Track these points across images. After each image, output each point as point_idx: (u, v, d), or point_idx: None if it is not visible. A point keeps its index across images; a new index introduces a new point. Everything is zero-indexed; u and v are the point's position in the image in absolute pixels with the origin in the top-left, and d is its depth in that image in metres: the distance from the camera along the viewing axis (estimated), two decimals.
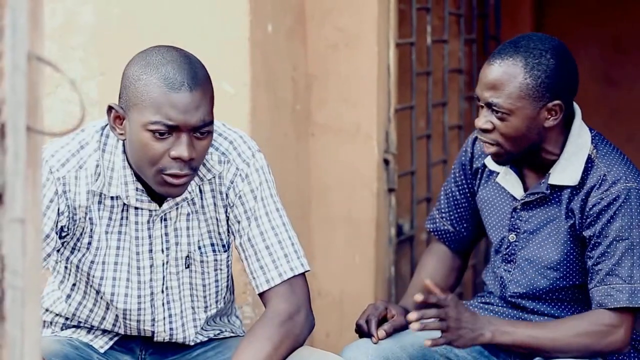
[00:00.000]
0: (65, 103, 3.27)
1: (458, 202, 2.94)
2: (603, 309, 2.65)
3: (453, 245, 2.99)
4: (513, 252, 2.79)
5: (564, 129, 2.71)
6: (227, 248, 2.57)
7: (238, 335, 2.69)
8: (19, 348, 1.33)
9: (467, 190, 2.92)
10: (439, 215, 2.98)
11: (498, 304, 2.84)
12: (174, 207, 2.49)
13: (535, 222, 2.75)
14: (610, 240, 2.64)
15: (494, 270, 2.85)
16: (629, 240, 2.64)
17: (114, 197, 2.47)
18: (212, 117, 2.37)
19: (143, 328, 2.58)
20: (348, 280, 3.66)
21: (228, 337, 2.68)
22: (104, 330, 2.62)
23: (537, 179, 2.76)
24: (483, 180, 2.86)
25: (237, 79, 3.17)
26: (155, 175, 2.36)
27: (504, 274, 2.81)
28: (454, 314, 2.61)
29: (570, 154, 2.69)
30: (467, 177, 2.90)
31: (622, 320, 2.65)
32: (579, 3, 6.46)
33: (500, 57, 2.63)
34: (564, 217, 2.71)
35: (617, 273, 2.64)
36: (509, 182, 2.78)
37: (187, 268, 2.55)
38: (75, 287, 2.58)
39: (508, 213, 2.80)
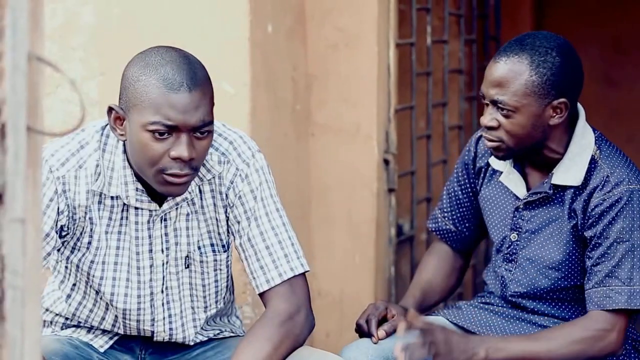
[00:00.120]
0: (66, 103, 3.27)
1: (460, 201, 2.94)
2: (598, 311, 2.64)
3: (455, 245, 2.99)
4: (514, 251, 2.79)
5: (568, 129, 2.71)
6: (226, 248, 2.57)
7: (238, 335, 2.69)
8: (19, 348, 1.33)
9: (469, 190, 2.92)
10: (441, 215, 2.98)
11: (498, 304, 2.84)
12: (174, 207, 2.49)
13: (538, 221, 2.75)
14: (611, 242, 2.64)
15: (495, 270, 2.85)
16: (630, 242, 2.64)
17: (114, 197, 2.47)
18: (212, 117, 2.37)
19: (143, 328, 2.58)
20: (348, 280, 3.66)
21: (228, 337, 2.68)
22: (104, 330, 2.62)
23: (540, 179, 2.76)
24: (486, 180, 2.86)
25: (237, 79, 3.17)
26: (156, 175, 2.36)
27: (505, 274, 2.81)
28: (442, 338, 2.59)
29: (574, 154, 2.69)
30: (469, 176, 2.90)
31: (616, 322, 2.64)
32: (579, 4, 6.46)
33: (506, 54, 2.63)
34: (567, 217, 2.71)
35: (616, 275, 2.64)
36: (512, 181, 2.78)
37: (186, 268, 2.55)
38: (76, 287, 2.58)
39: (510, 212, 2.79)
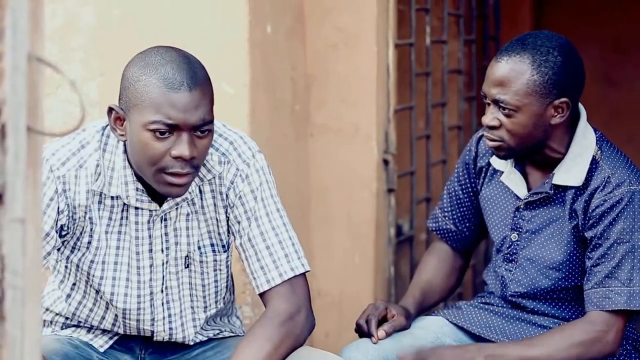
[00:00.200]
0: (66, 104, 3.28)
1: (461, 201, 2.94)
2: (597, 311, 2.64)
3: (455, 245, 2.99)
4: (515, 251, 2.79)
5: (569, 129, 2.71)
6: (226, 248, 2.57)
7: (237, 335, 2.69)
8: (19, 348, 1.33)
9: (470, 190, 2.91)
10: (442, 214, 2.98)
11: (498, 304, 2.84)
12: (174, 207, 2.50)
13: (538, 221, 2.75)
14: (611, 242, 2.64)
15: (495, 270, 2.85)
16: (630, 243, 2.64)
17: (114, 197, 2.48)
18: (212, 116, 2.38)
19: (142, 328, 2.58)
20: (347, 281, 3.66)
21: (227, 336, 2.68)
22: (104, 330, 2.63)
23: (540, 179, 2.76)
24: (487, 179, 2.86)
25: (236, 80, 3.18)
26: (156, 175, 2.36)
27: (505, 274, 2.81)
28: (436, 356, 2.61)
29: (575, 155, 2.69)
30: (470, 176, 2.90)
31: (614, 323, 2.64)
32: (579, 3, 6.46)
33: (508, 54, 2.63)
34: (568, 217, 2.71)
35: (616, 276, 2.64)
36: (513, 181, 2.78)
37: (186, 268, 2.55)
38: (75, 286, 2.58)
39: (511, 212, 2.79)
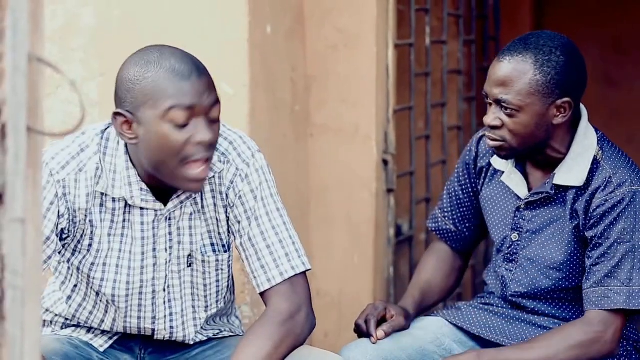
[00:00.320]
0: (66, 104, 3.28)
1: (461, 201, 2.93)
2: (596, 311, 2.64)
3: (455, 245, 2.99)
4: (515, 251, 2.79)
5: (571, 129, 2.71)
6: (227, 248, 2.58)
7: (237, 335, 2.69)
8: (19, 347, 1.33)
9: (470, 190, 2.91)
10: (442, 215, 2.98)
11: (498, 305, 2.84)
12: (179, 206, 2.50)
13: (539, 222, 2.75)
14: (612, 242, 2.64)
15: (496, 270, 2.85)
16: (631, 243, 2.64)
17: (116, 199, 2.48)
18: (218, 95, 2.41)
19: (144, 326, 2.59)
20: (347, 281, 3.66)
21: (227, 336, 2.68)
22: (104, 330, 2.63)
23: (541, 179, 2.75)
24: (487, 179, 2.85)
25: (236, 80, 3.18)
26: (179, 168, 2.36)
27: (506, 274, 2.81)
28: None
29: (577, 155, 2.69)
30: (470, 176, 2.90)
31: (612, 322, 2.64)
32: (579, 4, 6.46)
33: (510, 54, 2.63)
34: (569, 217, 2.71)
35: (616, 275, 2.63)
36: (514, 181, 2.78)
37: (188, 267, 2.55)
38: (77, 288, 2.58)
39: (511, 212, 2.79)
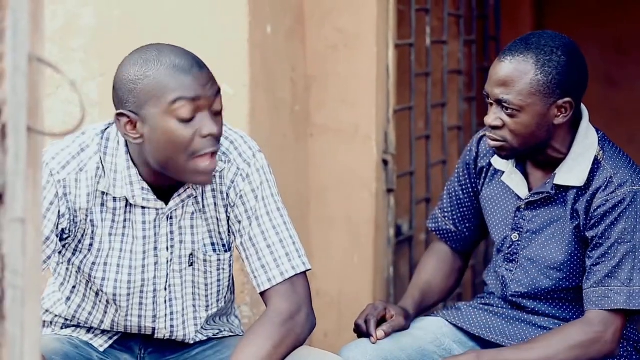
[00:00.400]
0: (66, 104, 3.28)
1: (461, 201, 2.93)
2: (596, 311, 2.64)
3: (455, 245, 2.98)
4: (515, 251, 2.79)
5: (572, 129, 2.70)
6: (228, 248, 2.58)
7: (237, 335, 2.70)
8: (19, 347, 1.33)
9: (470, 190, 2.91)
10: (442, 215, 2.98)
11: (498, 305, 2.84)
12: (180, 204, 2.50)
13: (539, 222, 2.74)
14: (612, 242, 2.64)
15: (496, 270, 2.85)
16: (631, 244, 2.64)
17: (117, 199, 2.48)
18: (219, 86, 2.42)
19: (144, 325, 2.59)
20: (347, 281, 3.66)
21: (227, 336, 2.68)
22: (104, 330, 2.63)
23: (542, 179, 2.75)
24: (487, 179, 2.85)
25: (236, 80, 3.18)
26: (188, 163, 2.36)
27: (506, 274, 2.80)
28: None
29: (577, 155, 2.69)
30: (471, 176, 2.90)
31: (612, 322, 2.64)
32: (579, 4, 6.46)
33: (511, 54, 2.62)
34: (569, 217, 2.71)
35: (616, 275, 2.63)
36: (514, 181, 2.78)
37: (190, 266, 2.55)
38: (75, 289, 2.58)
39: (512, 212, 2.79)
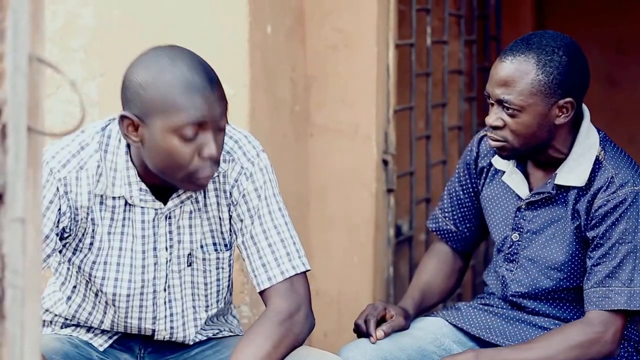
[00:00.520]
0: (66, 104, 3.28)
1: (462, 201, 2.93)
2: (596, 311, 2.64)
3: (455, 245, 2.98)
4: (515, 251, 2.79)
5: (573, 129, 2.70)
6: (229, 247, 2.58)
7: (237, 335, 2.70)
8: (19, 346, 1.34)
9: (471, 190, 2.91)
10: (442, 215, 2.97)
11: (498, 305, 2.84)
12: (179, 204, 2.50)
13: (540, 222, 2.74)
14: (613, 242, 2.64)
15: (496, 270, 2.85)
16: (632, 244, 2.63)
17: (116, 197, 2.48)
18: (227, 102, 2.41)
19: (144, 326, 2.59)
20: (346, 281, 3.66)
21: (227, 336, 2.69)
22: (104, 330, 2.63)
23: (542, 179, 2.75)
24: (488, 179, 2.85)
25: (236, 80, 3.18)
26: (185, 178, 2.37)
27: (506, 274, 2.80)
28: None
29: (578, 155, 2.69)
30: (471, 176, 2.90)
31: (613, 322, 2.64)
32: (580, 4, 6.46)
33: (512, 54, 2.62)
34: (570, 218, 2.71)
35: (617, 276, 2.63)
36: (515, 181, 2.77)
37: (189, 266, 2.55)
38: (76, 289, 2.58)
39: (512, 212, 2.79)
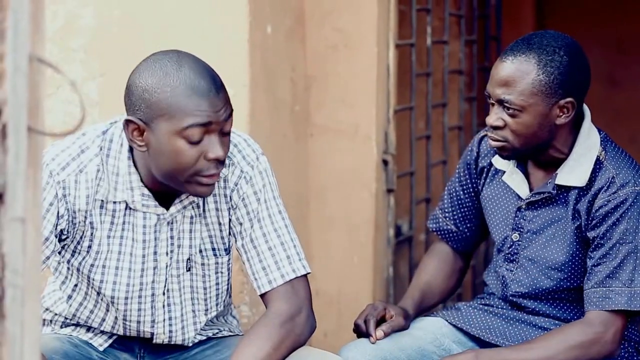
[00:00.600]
0: (66, 104, 3.28)
1: (462, 201, 2.93)
2: (596, 311, 2.64)
3: (455, 245, 2.98)
4: (516, 251, 2.79)
5: (574, 129, 2.70)
6: (228, 251, 2.58)
7: (237, 335, 2.70)
8: (19, 346, 1.34)
9: (471, 190, 2.91)
10: (442, 215, 2.97)
11: (498, 305, 2.84)
12: (181, 210, 2.50)
13: (540, 222, 2.74)
14: (614, 243, 2.64)
15: (496, 270, 2.85)
16: (633, 244, 2.63)
17: (117, 201, 2.48)
18: (232, 107, 2.42)
19: (143, 330, 2.59)
20: (346, 281, 3.66)
21: (226, 336, 2.69)
22: (104, 330, 2.63)
23: (543, 179, 2.75)
24: (488, 179, 2.85)
25: (236, 80, 3.18)
26: (190, 178, 2.37)
27: (506, 274, 2.80)
28: None
29: (579, 155, 2.68)
30: (471, 176, 2.89)
31: (613, 322, 2.64)
32: (581, 4, 6.46)
33: (513, 54, 2.62)
34: (571, 218, 2.70)
35: (617, 276, 2.63)
36: (515, 181, 2.77)
37: (187, 271, 2.55)
38: (77, 287, 2.58)
39: (512, 212, 2.79)
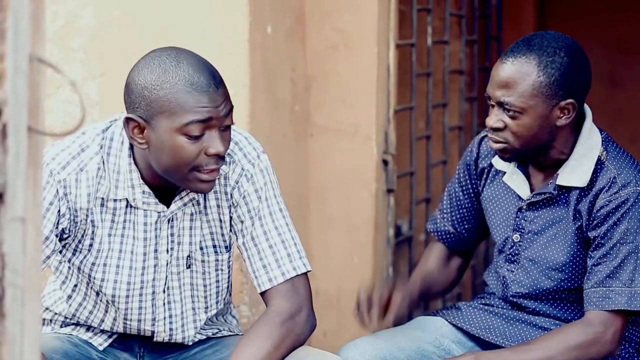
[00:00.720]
0: (66, 104, 3.29)
1: (461, 202, 2.93)
2: (596, 311, 2.64)
3: (452, 247, 2.98)
4: (516, 252, 2.78)
5: (574, 129, 2.69)
6: (228, 249, 2.58)
7: (236, 334, 2.70)
8: (19, 345, 1.34)
9: (471, 191, 2.90)
10: (441, 216, 2.97)
11: (498, 305, 2.83)
12: (181, 207, 2.51)
13: (541, 222, 2.74)
14: (614, 242, 2.63)
15: (497, 270, 2.84)
16: (634, 244, 2.63)
17: (118, 199, 2.49)
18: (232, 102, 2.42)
19: (143, 328, 2.59)
20: (346, 280, 3.66)
21: (226, 335, 2.69)
22: (103, 329, 2.64)
23: (543, 179, 2.74)
24: (489, 180, 2.84)
25: (236, 80, 3.18)
26: (190, 174, 2.38)
27: (507, 274, 2.80)
28: None
29: (580, 155, 2.68)
30: (471, 177, 2.89)
31: (612, 322, 2.63)
32: (582, 4, 6.46)
33: (513, 55, 2.61)
34: (572, 218, 2.70)
35: (617, 276, 2.63)
36: (516, 181, 2.77)
37: (187, 268, 2.55)
38: (77, 287, 2.59)
39: (513, 213, 2.78)
